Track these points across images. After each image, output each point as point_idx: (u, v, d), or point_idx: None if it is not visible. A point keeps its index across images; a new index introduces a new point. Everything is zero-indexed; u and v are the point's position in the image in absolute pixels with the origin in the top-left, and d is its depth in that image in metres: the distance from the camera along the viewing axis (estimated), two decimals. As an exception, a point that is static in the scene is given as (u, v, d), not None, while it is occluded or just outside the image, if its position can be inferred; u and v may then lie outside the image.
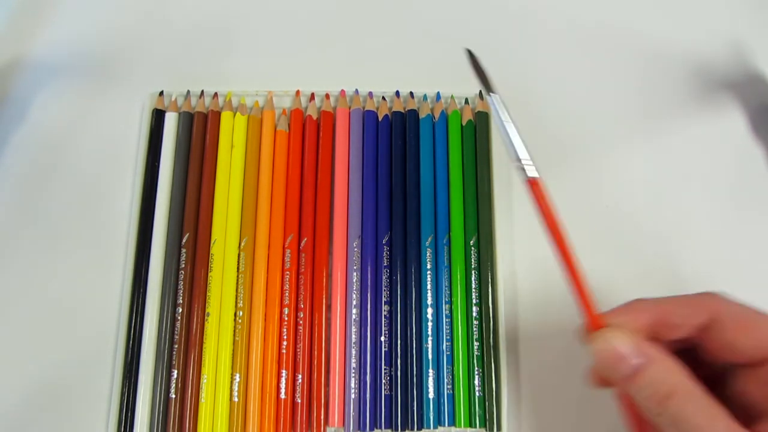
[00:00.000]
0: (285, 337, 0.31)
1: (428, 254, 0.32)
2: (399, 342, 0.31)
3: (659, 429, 0.22)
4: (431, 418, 0.30)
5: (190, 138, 0.35)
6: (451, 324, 0.32)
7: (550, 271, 0.34)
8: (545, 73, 0.38)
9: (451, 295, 0.32)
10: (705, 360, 0.23)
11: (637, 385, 0.22)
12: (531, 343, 0.32)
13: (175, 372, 0.31)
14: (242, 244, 0.33)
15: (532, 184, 0.24)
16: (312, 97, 0.36)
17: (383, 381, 0.31)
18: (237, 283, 0.32)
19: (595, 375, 0.24)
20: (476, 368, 0.31)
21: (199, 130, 0.35)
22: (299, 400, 0.31)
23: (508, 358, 0.32)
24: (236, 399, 0.31)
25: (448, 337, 0.31)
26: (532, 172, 0.24)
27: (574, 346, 0.32)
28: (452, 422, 0.31)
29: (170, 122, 0.35)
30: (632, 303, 0.24)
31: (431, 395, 0.31)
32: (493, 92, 0.26)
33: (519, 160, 0.24)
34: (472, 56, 0.27)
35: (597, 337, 0.22)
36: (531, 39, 0.39)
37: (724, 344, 0.22)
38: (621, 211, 0.35)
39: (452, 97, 0.36)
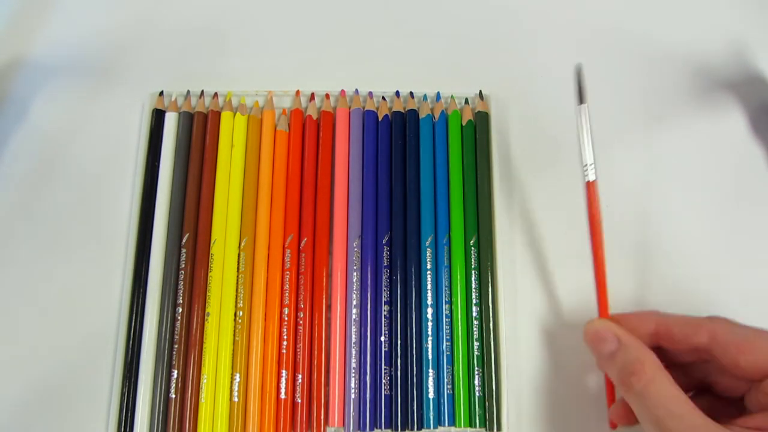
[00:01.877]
0: (285, 337, 0.31)
1: (428, 254, 0.32)
2: (399, 342, 0.31)
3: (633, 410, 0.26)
4: (431, 418, 0.30)
5: (190, 138, 0.35)
6: (451, 324, 0.32)
7: (550, 271, 0.34)
8: (545, 73, 0.38)
9: (451, 295, 0.32)
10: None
11: (611, 364, 0.26)
12: (531, 343, 0.32)
13: (175, 372, 0.31)
14: (242, 244, 0.33)
15: (589, 186, 0.29)
16: (312, 97, 0.36)
17: (383, 381, 0.31)
18: (237, 283, 0.32)
19: (615, 413, 0.29)
20: (476, 368, 0.31)
21: (199, 130, 0.35)
22: (299, 400, 0.31)
23: (508, 358, 0.32)
24: (236, 399, 0.31)
25: (448, 337, 0.31)
26: (591, 176, 0.29)
27: (575, 346, 0.32)
28: (452, 422, 0.31)
29: (170, 122, 0.35)
30: (646, 312, 0.28)
31: (431, 395, 0.31)
32: (584, 103, 0.30)
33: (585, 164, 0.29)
34: (579, 73, 0.30)
35: (588, 324, 0.28)
36: (532, 39, 0.39)
37: (727, 363, 0.25)
38: (621, 211, 0.35)
39: (452, 97, 0.36)
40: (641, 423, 0.25)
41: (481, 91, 0.36)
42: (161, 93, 0.36)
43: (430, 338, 0.31)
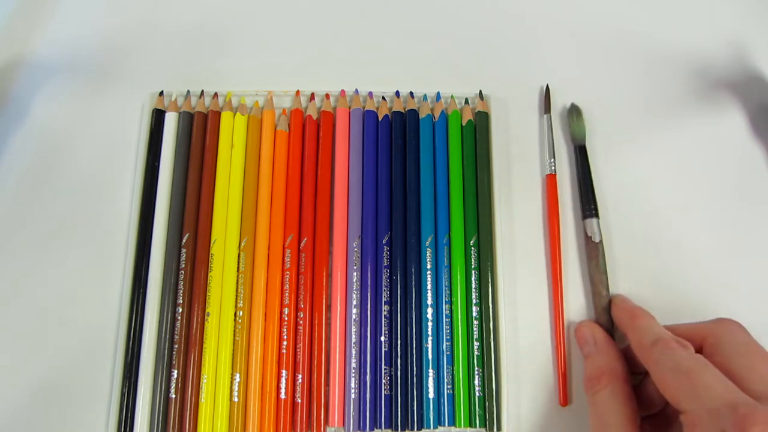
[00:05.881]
0: (285, 337, 0.31)
1: (428, 254, 0.32)
2: (399, 342, 0.31)
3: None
4: (431, 418, 0.30)
5: (190, 138, 0.35)
6: (451, 324, 0.32)
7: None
8: (545, 73, 0.38)
9: (451, 295, 0.32)
10: None
11: (586, 363, 0.30)
12: (531, 343, 0.32)
13: (175, 372, 0.31)
14: (242, 244, 0.33)
15: (550, 178, 0.34)
16: (312, 97, 0.36)
17: (383, 381, 0.31)
18: (237, 283, 0.32)
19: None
20: (476, 368, 0.31)
21: (199, 130, 0.35)
22: (299, 400, 0.31)
23: (508, 358, 0.32)
24: (236, 399, 0.31)
25: (448, 337, 0.31)
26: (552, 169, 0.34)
27: (575, 345, 0.32)
28: (452, 422, 0.31)
29: (170, 122, 0.35)
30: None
31: (431, 395, 0.31)
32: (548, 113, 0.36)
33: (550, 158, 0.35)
34: (547, 90, 0.37)
35: (578, 324, 0.32)
36: (533, 39, 0.39)
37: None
38: (621, 211, 0.35)
39: (452, 97, 0.36)
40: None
41: (481, 91, 0.36)
42: (161, 93, 0.36)
43: (430, 338, 0.31)
